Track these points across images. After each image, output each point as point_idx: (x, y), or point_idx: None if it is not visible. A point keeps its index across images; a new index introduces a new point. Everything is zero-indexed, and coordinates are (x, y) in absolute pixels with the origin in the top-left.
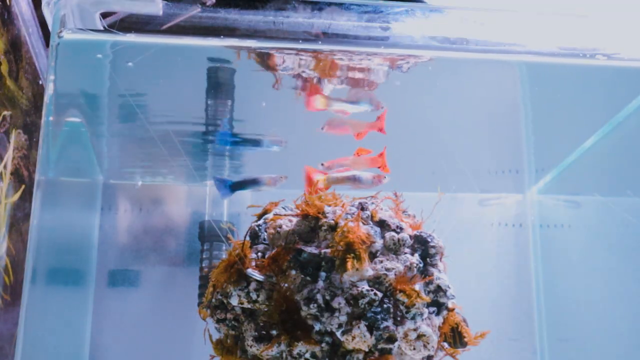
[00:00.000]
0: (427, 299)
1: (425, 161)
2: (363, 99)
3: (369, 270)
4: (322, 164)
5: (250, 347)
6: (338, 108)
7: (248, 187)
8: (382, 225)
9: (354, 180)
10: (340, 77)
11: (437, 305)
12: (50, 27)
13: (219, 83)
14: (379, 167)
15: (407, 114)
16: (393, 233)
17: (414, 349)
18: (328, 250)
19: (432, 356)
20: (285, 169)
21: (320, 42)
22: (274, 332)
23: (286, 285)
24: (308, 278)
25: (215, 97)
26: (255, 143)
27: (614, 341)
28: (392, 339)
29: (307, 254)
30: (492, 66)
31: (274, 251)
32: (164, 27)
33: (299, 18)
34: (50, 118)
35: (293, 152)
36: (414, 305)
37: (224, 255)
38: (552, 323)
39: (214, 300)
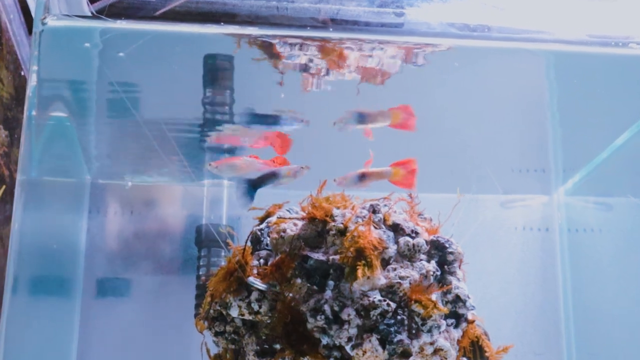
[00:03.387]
0: (445, 310)
1: (443, 160)
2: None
3: (381, 278)
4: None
5: None
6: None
7: (268, 182)
8: (396, 229)
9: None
10: (350, 67)
11: (456, 317)
12: (33, 13)
13: (217, 74)
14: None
15: (423, 108)
16: (408, 238)
17: None
18: (337, 257)
19: None
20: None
21: (330, 30)
22: (278, 346)
23: (291, 294)
24: (315, 287)
25: (214, 89)
26: (274, 120)
27: None
28: (406, 354)
29: (314, 260)
30: (516, 56)
31: (277, 258)
32: (158, 13)
33: (305, 3)
34: (33, 112)
35: (301, 147)
36: (431, 316)
37: (223, 262)
38: (581, 336)
39: (212, 311)
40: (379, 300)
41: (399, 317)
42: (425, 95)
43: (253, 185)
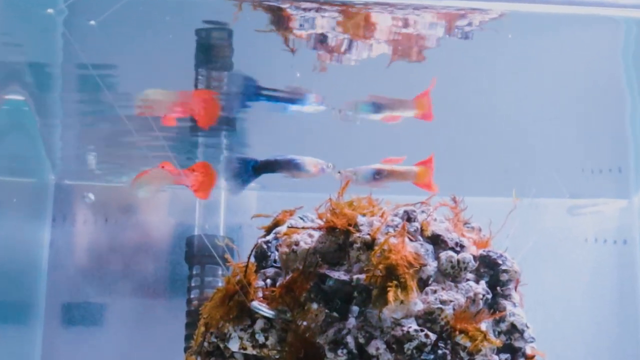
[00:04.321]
0: (498, 342)
1: (495, 156)
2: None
3: (418, 303)
4: None
5: None
6: None
7: (279, 170)
8: (436, 241)
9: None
10: (379, 39)
11: (511, 351)
12: None
13: (212, 49)
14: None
15: (470, 92)
16: (451, 253)
17: None
18: (362, 276)
19: None
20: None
21: None
22: None
23: (305, 323)
24: (335, 314)
25: (208, 68)
26: (293, 99)
27: None
28: None
29: (334, 280)
30: (586, 25)
31: (288, 277)
32: None
33: None
34: None
35: (313, 140)
36: (480, 351)
37: (221, 283)
38: None
39: (206, 344)
40: (415, 331)
41: (440, 352)
42: (472, 75)
43: (255, 168)
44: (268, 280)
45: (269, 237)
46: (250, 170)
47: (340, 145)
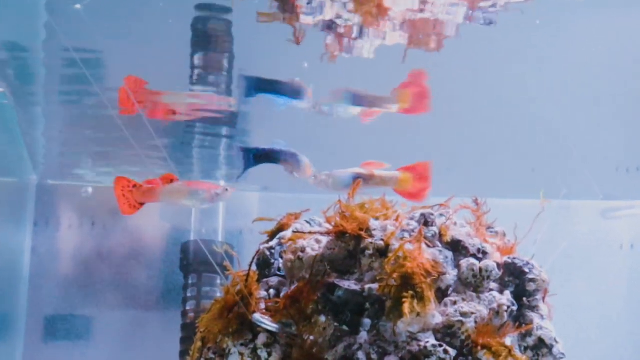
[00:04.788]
0: (524, 358)
1: (520, 153)
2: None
3: (436, 315)
4: None
5: None
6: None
7: (280, 162)
8: (457, 247)
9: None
10: (394, 22)
11: None
12: None
13: (210, 36)
14: None
15: (492, 83)
16: (472, 260)
17: None
18: (375, 286)
19: None
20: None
21: None
22: None
23: (312, 337)
24: (345, 327)
25: (206, 57)
26: (294, 94)
27: None
28: None
29: (344, 291)
30: (623, 11)
31: (293, 287)
32: None
33: None
34: None
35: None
36: None
37: (219, 294)
38: None
39: None
40: (433, 346)
41: None
42: (497, 66)
43: (256, 156)
44: (271, 291)
45: (273, 243)
46: (251, 158)
47: (349, 144)
